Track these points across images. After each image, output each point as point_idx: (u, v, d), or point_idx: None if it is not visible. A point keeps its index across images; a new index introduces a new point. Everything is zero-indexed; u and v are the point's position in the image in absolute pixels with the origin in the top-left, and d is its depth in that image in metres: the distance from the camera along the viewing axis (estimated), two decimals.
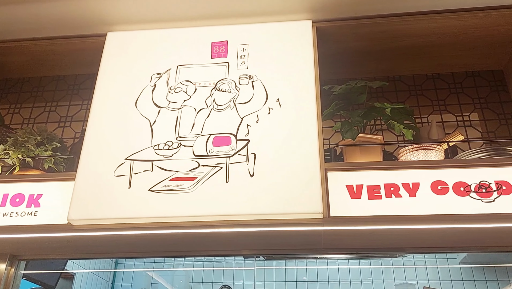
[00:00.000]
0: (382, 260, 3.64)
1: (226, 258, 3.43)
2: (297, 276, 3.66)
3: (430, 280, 3.58)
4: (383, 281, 3.59)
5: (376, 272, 3.60)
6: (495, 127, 2.24)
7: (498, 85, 2.34)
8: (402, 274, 3.60)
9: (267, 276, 3.57)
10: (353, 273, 3.62)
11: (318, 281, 3.65)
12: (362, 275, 3.60)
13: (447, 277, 3.55)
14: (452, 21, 2.07)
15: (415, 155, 1.88)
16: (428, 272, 3.58)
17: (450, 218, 1.66)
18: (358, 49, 2.26)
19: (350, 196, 1.73)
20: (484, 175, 1.71)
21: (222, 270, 3.54)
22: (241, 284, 3.53)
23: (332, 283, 3.63)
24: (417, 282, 3.53)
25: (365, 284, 3.59)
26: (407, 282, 3.52)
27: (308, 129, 1.82)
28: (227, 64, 2.01)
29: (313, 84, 1.93)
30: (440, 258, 3.64)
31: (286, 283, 3.60)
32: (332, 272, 3.63)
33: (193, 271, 3.61)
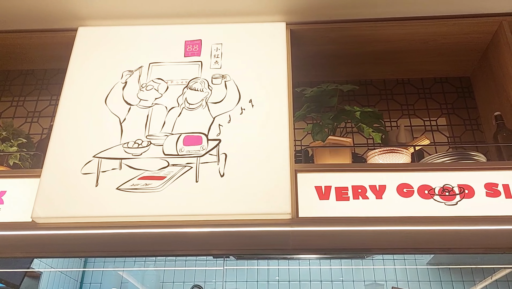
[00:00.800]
0: (352, 260, 3.69)
1: (198, 258, 3.42)
2: (268, 276, 3.68)
3: (399, 281, 3.65)
4: (353, 281, 3.64)
5: (346, 272, 3.65)
6: (461, 132, 2.31)
7: (465, 91, 2.41)
8: (371, 274, 3.66)
9: (239, 276, 3.58)
10: (324, 273, 3.66)
11: (289, 281, 3.68)
12: (333, 276, 3.65)
13: (415, 277, 3.63)
14: (422, 28, 2.12)
15: (383, 158, 1.92)
16: (396, 272, 3.65)
17: (414, 220, 1.70)
18: (331, 52, 2.29)
19: (319, 197, 1.76)
20: (448, 179, 1.75)
21: (194, 269, 3.53)
22: (213, 284, 3.52)
23: (303, 283, 3.66)
24: (386, 282, 3.60)
25: (335, 284, 3.64)
26: (376, 282, 3.58)
27: (280, 130, 1.84)
28: (200, 63, 2.00)
29: (285, 85, 1.94)
30: (408, 259, 3.72)
31: (258, 283, 3.61)
32: (303, 272, 3.66)
33: (164, 270, 3.58)
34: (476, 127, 2.31)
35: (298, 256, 2.92)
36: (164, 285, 3.54)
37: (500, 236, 1.69)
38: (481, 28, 2.12)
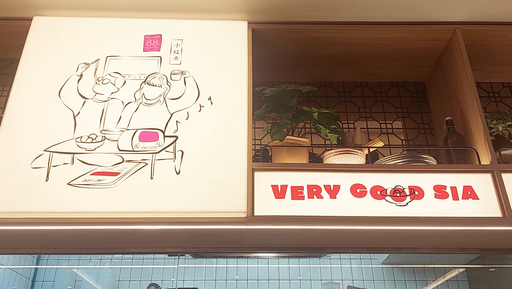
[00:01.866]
0: (310, 259, 3.74)
1: (156, 256, 3.37)
2: (227, 275, 3.67)
3: (355, 280, 3.72)
4: (310, 280, 3.69)
5: (304, 271, 3.70)
6: (415, 135, 2.39)
7: (420, 96, 2.50)
8: (328, 273, 3.72)
9: (197, 274, 3.55)
10: (282, 272, 3.69)
11: (247, 280, 3.68)
12: (291, 274, 3.68)
13: (370, 277, 3.71)
14: (380, 33, 2.17)
15: (338, 158, 1.96)
16: (352, 271, 3.73)
17: (366, 220, 1.74)
18: (292, 53, 2.31)
19: (275, 196, 1.77)
20: (399, 180, 1.81)
21: (151, 268, 3.47)
22: (170, 282, 3.48)
23: (261, 282, 3.67)
24: (342, 281, 3.67)
25: (293, 283, 3.67)
26: (333, 281, 3.65)
27: (238, 129, 1.84)
28: (160, 58, 1.97)
29: (245, 84, 1.95)
30: (364, 258, 3.81)
31: (216, 281, 3.60)
32: (262, 271, 3.67)
33: (121, 269, 3.51)
34: (429, 131, 2.39)
35: (256, 254, 2.93)
36: (120, 283, 3.46)
37: (447, 236, 1.75)
38: (435, 36, 2.19)
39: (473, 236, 1.74)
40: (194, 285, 3.46)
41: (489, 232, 1.74)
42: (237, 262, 3.60)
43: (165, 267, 3.48)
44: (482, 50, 2.27)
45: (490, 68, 2.41)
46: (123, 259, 3.43)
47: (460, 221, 1.74)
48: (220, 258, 3.40)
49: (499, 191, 1.76)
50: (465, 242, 1.75)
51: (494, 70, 2.43)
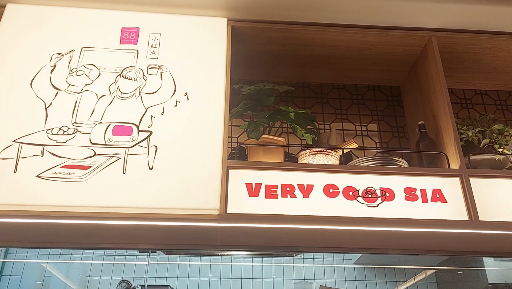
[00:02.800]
0: (284, 258, 3.76)
1: (128, 252, 3.32)
2: (200, 272, 3.65)
3: (327, 279, 3.76)
4: (283, 279, 3.71)
5: (277, 270, 3.71)
6: (389, 138, 2.43)
7: (395, 100, 2.54)
8: (301, 273, 3.75)
9: (169, 271, 3.53)
10: (255, 270, 3.70)
11: (220, 278, 3.67)
12: (264, 273, 3.69)
13: (342, 276, 3.76)
14: (358, 36, 2.20)
15: (313, 158, 1.97)
16: (325, 271, 3.77)
17: (338, 220, 1.76)
18: (272, 52, 2.32)
19: (249, 194, 1.77)
20: (371, 182, 1.84)
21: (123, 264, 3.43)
22: (142, 279, 3.44)
23: (234, 280, 3.67)
24: (315, 280, 3.70)
25: (266, 281, 3.69)
26: (305, 280, 3.68)
27: (214, 126, 1.83)
28: (136, 51, 1.95)
29: (223, 81, 1.94)
30: (337, 258, 3.85)
31: (189, 279, 3.58)
32: (235, 269, 3.67)
33: (91, 264, 3.45)
34: (403, 135, 2.44)
35: (230, 252, 2.92)
36: (90, 279, 3.41)
37: (416, 238, 1.78)
38: (412, 41, 2.23)
39: (440, 238, 1.78)
40: (167, 283, 3.43)
41: (456, 234, 1.79)
42: (211, 260, 3.59)
43: (137, 264, 3.44)
44: (456, 57, 2.32)
45: (463, 75, 2.47)
46: (94, 254, 3.38)
47: (429, 223, 1.77)
48: (193, 255, 3.39)
49: (467, 195, 1.81)
50: (433, 244, 1.78)
51: (467, 77, 2.49)
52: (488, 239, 1.78)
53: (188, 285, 3.58)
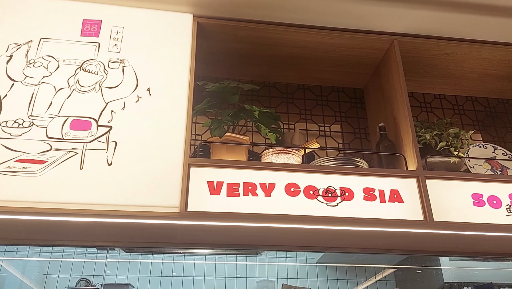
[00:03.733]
0: (247, 257, 3.77)
1: (88, 250, 3.24)
2: (162, 271, 3.61)
3: (290, 278, 3.80)
4: (246, 278, 3.72)
5: (240, 269, 3.72)
6: (351, 139, 2.47)
7: (358, 102, 2.58)
8: (264, 271, 3.76)
9: (131, 270, 3.47)
10: (218, 269, 3.69)
11: (183, 277, 3.64)
12: (227, 272, 3.69)
13: (304, 275, 3.81)
14: (323, 37, 2.23)
15: (276, 157, 1.98)
16: (288, 270, 3.80)
17: (299, 218, 1.78)
18: (237, 51, 2.31)
19: (210, 192, 1.76)
20: (332, 181, 1.86)
21: (83, 262, 3.34)
22: (102, 277, 3.37)
23: (197, 278, 3.65)
24: (277, 279, 3.73)
25: (229, 280, 3.68)
26: (268, 279, 3.70)
27: (176, 122, 1.81)
28: (98, 44, 1.90)
29: (187, 78, 1.92)
30: (300, 257, 3.89)
31: (151, 278, 3.53)
32: (198, 268, 3.65)
33: (50, 262, 3.35)
34: (364, 136, 2.49)
35: (192, 250, 2.90)
36: (48, 277, 3.30)
37: (374, 237, 1.82)
38: (375, 45, 2.28)
39: (397, 238, 1.82)
40: (128, 281, 3.37)
41: (412, 234, 1.84)
42: (174, 258, 3.55)
43: (97, 262, 3.36)
44: (417, 62, 2.39)
45: (424, 79, 2.54)
46: (53, 252, 3.28)
47: (386, 223, 1.82)
48: (155, 253, 3.34)
49: (423, 196, 1.86)
50: (390, 243, 1.83)
51: (427, 82, 2.57)
52: (442, 239, 1.84)
53: (149, 283, 3.53)
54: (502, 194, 1.93)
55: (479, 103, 2.68)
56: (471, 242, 1.85)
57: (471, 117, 2.63)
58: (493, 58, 2.36)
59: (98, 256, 3.30)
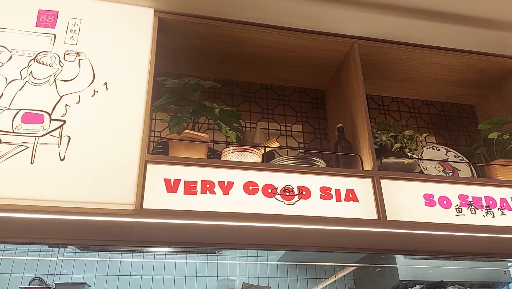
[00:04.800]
0: (208, 256, 3.75)
1: (43, 248, 3.14)
2: (120, 270, 3.54)
3: (250, 277, 3.81)
4: (206, 277, 3.70)
5: (201, 267, 3.70)
6: (311, 139, 2.50)
7: (319, 103, 2.62)
8: (225, 270, 3.76)
9: (87, 268, 3.38)
10: (178, 268, 3.65)
11: (142, 276, 3.59)
12: (188, 270, 3.66)
13: (265, 274, 3.83)
14: (285, 38, 2.25)
15: (236, 156, 1.99)
16: (249, 268, 3.81)
17: (256, 217, 1.78)
18: (200, 48, 2.30)
19: (167, 190, 1.75)
20: (289, 180, 1.88)
21: (37, 260, 3.24)
22: (57, 276, 3.27)
23: (156, 278, 3.60)
24: (238, 278, 3.73)
25: (189, 279, 3.66)
26: (229, 278, 3.70)
27: (134, 118, 1.78)
28: (54, 36, 1.84)
29: (146, 73, 1.89)
30: (261, 256, 3.91)
31: (108, 277, 3.46)
32: (157, 267, 3.60)
33: (1, 260, 3.22)
34: (324, 136, 2.53)
35: (151, 249, 2.86)
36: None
37: (330, 236, 1.85)
38: (335, 47, 2.32)
39: (352, 236, 1.86)
40: (84, 280, 3.29)
41: (367, 233, 1.88)
42: (132, 257, 3.49)
43: (51, 260, 3.26)
44: (376, 65, 2.45)
45: (382, 82, 2.61)
46: (5, 250, 3.16)
47: (341, 222, 1.85)
48: (113, 252, 3.27)
49: (377, 195, 1.91)
50: (346, 242, 1.87)
51: (385, 85, 2.64)
52: (395, 238, 1.89)
53: (107, 283, 3.46)
54: (452, 195, 2.01)
55: (434, 107, 2.78)
56: (423, 241, 1.91)
57: (426, 120, 2.72)
58: (447, 64, 2.45)
59: (53, 254, 3.20)
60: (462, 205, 1.99)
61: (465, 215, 1.97)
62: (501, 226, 1.99)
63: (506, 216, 2.01)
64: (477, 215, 1.98)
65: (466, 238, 1.95)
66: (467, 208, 1.99)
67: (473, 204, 2.00)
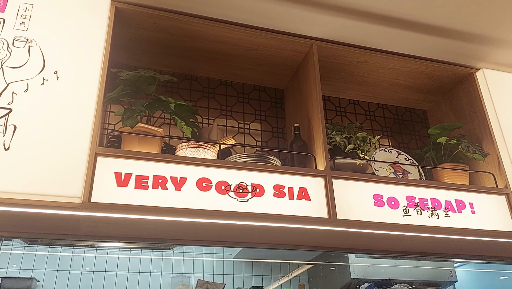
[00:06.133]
0: (164, 252, 3.71)
1: None
2: (71, 265, 3.44)
3: (206, 273, 3.80)
4: (161, 273, 3.66)
5: (156, 264, 3.65)
6: (269, 138, 2.52)
7: (278, 102, 2.64)
8: (180, 266, 3.73)
9: (37, 263, 3.27)
10: (132, 264, 3.59)
11: (94, 272, 3.50)
12: (142, 267, 3.60)
13: (220, 271, 3.83)
14: (246, 35, 2.25)
15: (191, 152, 1.97)
16: (204, 265, 3.80)
17: (209, 213, 1.78)
18: (159, 40, 2.26)
19: (117, 184, 1.71)
20: (244, 177, 1.89)
21: None
22: (4, 271, 3.14)
23: (109, 274, 3.53)
24: (193, 274, 3.71)
25: (143, 275, 3.60)
26: (183, 274, 3.67)
27: (84, 109, 1.74)
28: (3, 20, 1.76)
29: (99, 63, 1.84)
30: (217, 252, 3.91)
31: (58, 272, 3.35)
32: (111, 262, 3.52)
33: None
34: (282, 135, 2.55)
35: (103, 244, 2.80)
36: None
37: (282, 233, 1.87)
38: (295, 47, 2.34)
39: (304, 234, 1.89)
40: (33, 275, 3.18)
41: (318, 231, 1.92)
42: (84, 252, 3.40)
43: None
44: (334, 67, 2.50)
45: (340, 84, 2.66)
46: None
47: (293, 219, 1.88)
48: (65, 246, 3.18)
49: (329, 195, 1.95)
50: (298, 239, 1.89)
51: (343, 87, 2.69)
52: (344, 236, 1.94)
53: (57, 278, 3.36)
54: (400, 196, 2.07)
55: (389, 111, 2.86)
56: (371, 240, 1.97)
57: (381, 123, 2.80)
58: (402, 69, 2.53)
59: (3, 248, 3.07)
60: (409, 206, 2.06)
61: (411, 215, 2.04)
62: (445, 227, 2.07)
63: (450, 217, 2.10)
64: (422, 216, 2.06)
65: (412, 238, 2.02)
66: (413, 209, 2.06)
67: (420, 205, 2.08)
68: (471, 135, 2.50)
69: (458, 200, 2.16)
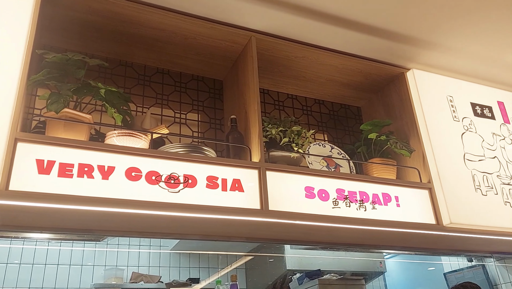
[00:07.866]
0: (96, 244, 3.59)
1: None
2: None
3: (141, 266, 3.73)
4: (93, 266, 3.54)
5: (88, 256, 3.53)
6: (206, 129, 2.50)
7: (216, 93, 2.62)
8: (114, 258, 3.63)
9: None
10: (63, 256, 3.45)
11: (20, 264, 3.33)
12: (73, 259, 3.47)
13: (156, 263, 3.77)
14: (183, 23, 2.19)
15: (121, 140, 1.91)
16: (140, 257, 3.72)
17: (138, 204, 1.74)
18: (92, 24, 2.16)
19: (38, 171, 1.63)
20: (176, 168, 1.86)
21: None
22: None
23: (37, 266, 3.37)
24: (128, 267, 3.63)
25: (73, 268, 3.47)
26: (117, 267, 3.57)
27: (5, 92, 1.63)
28: None
29: (23, 44, 1.73)
30: (154, 244, 3.85)
31: None
32: (39, 255, 3.37)
33: None
34: (219, 127, 2.54)
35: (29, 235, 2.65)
36: None
37: (214, 224, 1.86)
38: (235, 38, 2.32)
39: (236, 226, 1.90)
40: None
41: (250, 222, 1.93)
42: (11, 243, 3.22)
43: None
44: (273, 61, 2.51)
45: (279, 78, 2.68)
46: None
47: (226, 211, 1.88)
48: None
49: (262, 186, 1.97)
50: (230, 231, 1.89)
51: (281, 81, 2.72)
52: (276, 227, 1.96)
53: None
54: (331, 189, 2.13)
55: (325, 106, 2.93)
56: (302, 231, 2.01)
57: (317, 118, 2.86)
58: (338, 66, 2.60)
59: None
60: (338, 198, 2.13)
61: (340, 208, 2.11)
62: (372, 219, 2.16)
63: (376, 210, 2.20)
64: (351, 208, 2.14)
65: (340, 229, 2.09)
66: (343, 201, 2.13)
67: (349, 198, 2.15)
68: (400, 132, 2.62)
69: (385, 194, 2.26)
